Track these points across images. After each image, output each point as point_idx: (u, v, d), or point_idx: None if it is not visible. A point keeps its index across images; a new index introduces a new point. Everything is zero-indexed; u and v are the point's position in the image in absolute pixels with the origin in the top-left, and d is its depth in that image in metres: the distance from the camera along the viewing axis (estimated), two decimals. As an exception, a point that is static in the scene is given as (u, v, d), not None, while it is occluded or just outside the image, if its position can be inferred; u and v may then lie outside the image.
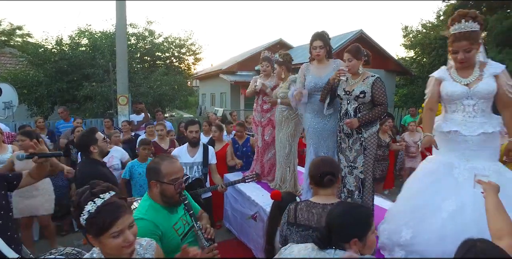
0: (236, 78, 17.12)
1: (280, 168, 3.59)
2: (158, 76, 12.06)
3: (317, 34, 2.97)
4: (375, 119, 2.60)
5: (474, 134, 1.99)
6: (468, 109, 2.03)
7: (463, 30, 1.91)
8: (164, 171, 1.69)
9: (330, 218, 1.39)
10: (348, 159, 2.70)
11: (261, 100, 3.98)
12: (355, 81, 2.67)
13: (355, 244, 1.29)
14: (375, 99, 2.58)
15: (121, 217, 1.18)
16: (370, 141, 2.62)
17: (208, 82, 22.43)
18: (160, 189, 1.70)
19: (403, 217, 2.12)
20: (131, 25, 13.47)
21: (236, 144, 4.63)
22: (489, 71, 2.00)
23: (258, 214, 3.27)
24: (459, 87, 2.02)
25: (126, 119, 6.49)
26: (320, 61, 3.03)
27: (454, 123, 2.07)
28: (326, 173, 1.77)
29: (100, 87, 10.52)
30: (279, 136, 3.56)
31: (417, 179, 2.24)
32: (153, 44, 14.14)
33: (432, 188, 2.07)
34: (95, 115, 10.53)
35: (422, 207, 2.05)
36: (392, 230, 2.14)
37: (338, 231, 1.33)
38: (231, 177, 4.23)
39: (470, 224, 1.84)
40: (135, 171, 3.73)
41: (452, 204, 1.92)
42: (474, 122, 2.01)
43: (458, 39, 1.92)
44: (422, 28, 17.24)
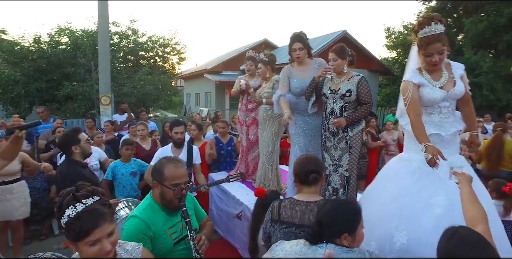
0: (221, 78, 17.05)
1: (263, 166, 3.60)
2: (142, 76, 11.88)
3: (296, 35, 2.93)
4: (361, 118, 2.65)
5: (449, 133, 2.07)
6: (444, 111, 2.09)
7: (434, 32, 1.93)
8: (167, 174, 1.66)
9: (320, 214, 1.43)
10: (333, 157, 2.73)
11: (246, 99, 3.98)
12: (340, 80, 2.70)
13: (346, 238, 1.34)
14: (360, 98, 2.63)
15: (99, 226, 1.14)
16: (355, 139, 2.67)
17: (192, 82, 22.25)
18: (161, 191, 1.68)
19: (390, 221, 2.00)
20: (114, 23, 13.20)
21: (220, 143, 4.61)
22: (457, 73, 2.07)
23: (243, 213, 3.27)
24: (439, 92, 2.04)
25: (109, 119, 6.37)
26: (301, 62, 3.01)
27: (432, 125, 2.08)
28: (311, 171, 1.79)
29: (81, 87, 10.26)
30: (263, 135, 3.57)
31: (397, 179, 2.16)
32: (137, 43, 13.91)
33: (417, 186, 2.05)
34: (76, 116, 10.27)
35: (409, 207, 1.99)
36: (381, 238, 2.00)
37: (329, 227, 1.36)
38: (216, 177, 4.22)
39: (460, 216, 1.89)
40: (118, 171, 3.67)
41: (444, 199, 1.93)
42: (448, 122, 2.09)
43: (432, 41, 1.93)
44: (403, 30, 17.65)
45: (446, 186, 1.96)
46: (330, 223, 1.37)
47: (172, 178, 1.65)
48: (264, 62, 3.50)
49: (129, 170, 3.71)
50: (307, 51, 2.97)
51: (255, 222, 2.38)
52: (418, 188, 2.03)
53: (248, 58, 3.91)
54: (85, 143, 2.50)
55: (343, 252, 1.32)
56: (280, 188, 3.52)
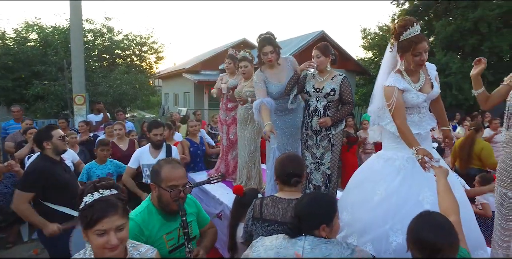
0: (199, 78, 16.87)
1: (245, 166, 3.57)
2: (118, 75, 11.58)
3: (265, 38, 2.85)
4: (344, 117, 2.70)
5: (427, 131, 2.16)
6: (422, 111, 2.16)
7: (416, 32, 1.96)
8: (163, 175, 1.61)
9: (298, 208, 1.47)
10: (315, 155, 2.75)
11: (226, 98, 3.96)
12: (323, 78, 2.71)
13: (324, 229, 1.38)
14: (343, 97, 2.65)
15: (108, 216, 1.16)
16: (338, 138, 2.71)
17: (171, 81, 21.89)
18: (158, 194, 1.62)
19: (384, 223, 2.00)
20: (88, 20, 12.78)
21: (194, 144, 4.51)
22: (432, 74, 2.14)
23: (223, 212, 3.25)
24: (421, 97, 2.07)
25: (84, 120, 6.15)
26: (273, 65, 2.95)
27: (412, 125, 2.10)
28: (293, 175, 1.81)
29: (53, 86, 9.86)
30: (244, 134, 3.53)
31: (384, 181, 2.14)
32: (112, 42, 13.54)
33: (405, 185, 2.06)
34: (47, 116, 9.85)
35: (400, 206, 2.00)
36: (376, 239, 1.99)
37: (307, 220, 1.40)
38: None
39: None
40: (93, 173, 3.55)
41: (429, 194, 1.98)
42: (425, 121, 2.18)
43: (420, 40, 1.94)
44: (379, 31, 18.19)
45: (430, 182, 1.99)
46: (308, 216, 1.41)
47: (168, 180, 1.59)
48: (250, 60, 3.44)
49: (105, 171, 3.59)
50: (277, 53, 2.91)
51: (234, 220, 2.38)
52: (406, 187, 2.04)
53: (227, 56, 3.87)
54: (57, 140, 2.50)
55: (321, 243, 1.36)
56: (261, 187, 3.53)
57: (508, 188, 1.77)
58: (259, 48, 2.90)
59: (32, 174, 2.40)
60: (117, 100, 11.35)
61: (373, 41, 17.48)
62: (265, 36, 2.90)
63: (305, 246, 1.36)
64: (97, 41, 13.26)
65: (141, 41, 14.67)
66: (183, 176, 1.66)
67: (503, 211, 1.81)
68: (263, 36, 2.90)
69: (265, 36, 2.90)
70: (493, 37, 12.25)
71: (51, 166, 2.45)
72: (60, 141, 2.51)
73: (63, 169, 2.57)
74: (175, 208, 1.59)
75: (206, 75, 17.28)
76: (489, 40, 12.22)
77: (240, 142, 3.63)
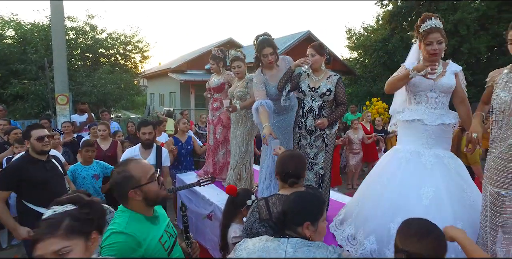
0: (186, 77, 16.72)
1: (236, 166, 3.55)
2: (103, 74, 11.30)
3: (265, 40, 2.83)
4: (339, 118, 2.70)
5: (434, 124, 2.20)
6: (430, 101, 2.22)
7: (433, 25, 2.12)
8: (137, 174, 1.48)
9: (286, 204, 1.48)
10: (308, 155, 2.73)
11: (212, 98, 3.93)
12: (318, 78, 2.69)
13: (307, 227, 1.37)
14: (338, 98, 2.64)
15: (42, 240, 1.00)
16: (331, 138, 2.70)
17: (156, 81, 21.60)
18: (143, 195, 1.47)
19: (385, 214, 2.09)
20: (69, 18, 12.41)
21: (179, 142, 4.47)
22: (451, 68, 2.22)
23: (214, 213, 3.23)
24: (427, 80, 2.16)
25: (67, 120, 5.98)
26: (272, 66, 2.96)
27: (417, 113, 2.24)
28: (291, 175, 1.81)
29: (33, 85, 9.54)
30: (235, 135, 3.50)
31: (387, 171, 2.29)
32: (96, 40, 13.19)
33: (405, 175, 2.17)
34: (27, 116, 9.52)
35: (401, 198, 2.09)
36: (378, 231, 2.07)
37: (292, 215, 1.40)
38: (184, 178, 4.13)
39: (446, 205, 2.02)
40: (79, 175, 3.45)
41: (430, 190, 2.06)
42: (435, 113, 2.22)
43: (432, 31, 2.11)
44: (364, 31, 18.48)
45: (432, 176, 2.10)
46: (293, 211, 1.41)
47: (145, 173, 1.50)
48: (242, 60, 3.39)
49: (91, 173, 3.50)
50: (276, 54, 2.91)
51: (226, 220, 2.36)
52: (407, 177, 2.15)
53: (211, 57, 3.80)
54: (34, 140, 2.47)
55: (304, 245, 1.32)
56: (252, 187, 3.52)
57: (500, 186, 1.77)
58: (258, 50, 2.85)
59: (6, 172, 2.44)
60: (102, 100, 11.09)
61: (358, 42, 17.74)
62: (264, 37, 2.86)
63: (287, 249, 1.32)
64: (79, 40, 12.90)
65: (125, 40, 14.37)
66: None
67: (495, 209, 1.79)
68: (262, 38, 2.86)
69: (264, 37, 2.86)
70: (471, 39, 12.70)
71: (27, 165, 2.44)
72: (36, 141, 2.46)
73: (45, 168, 2.53)
74: (165, 194, 1.56)
75: (192, 75, 17.15)
76: (468, 42, 12.65)
77: (232, 142, 3.61)
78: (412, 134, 2.29)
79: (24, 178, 2.37)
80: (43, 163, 2.54)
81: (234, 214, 2.35)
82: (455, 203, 2.03)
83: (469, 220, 2.00)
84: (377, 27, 17.33)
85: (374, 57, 15.60)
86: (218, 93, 3.86)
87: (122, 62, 14.93)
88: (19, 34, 11.04)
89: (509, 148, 1.73)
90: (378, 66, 15.62)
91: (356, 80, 18.00)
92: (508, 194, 1.74)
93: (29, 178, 2.39)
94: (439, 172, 2.11)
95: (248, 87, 3.33)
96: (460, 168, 2.23)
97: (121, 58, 14.88)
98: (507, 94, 1.75)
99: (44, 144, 2.50)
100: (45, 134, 2.53)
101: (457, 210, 2.01)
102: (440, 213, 1.98)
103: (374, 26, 17.78)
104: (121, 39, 14.22)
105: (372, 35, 16.97)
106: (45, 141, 2.50)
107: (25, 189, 2.39)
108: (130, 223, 1.43)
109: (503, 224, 1.77)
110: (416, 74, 2.08)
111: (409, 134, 2.30)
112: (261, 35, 2.91)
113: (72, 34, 12.50)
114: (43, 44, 10.42)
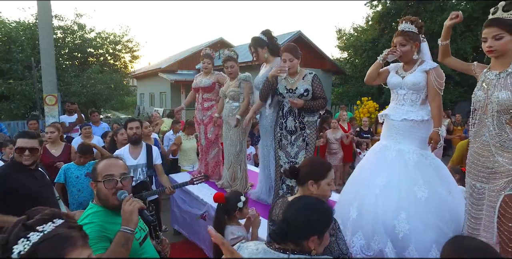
0: (176, 77, 16.62)
1: (230, 166, 3.53)
2: (92, 74, 11.13)
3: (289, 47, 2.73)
4: (318, 108, 2.71)
5: (398, 119, 2.31)
6: (399, 98, 2.35)
7: (401, 28, 2.29)
8: (99, 169, 1.51)
9: (290, 212, 1.28)
10: (289, 154, 2.76)
11: (202, 98, 3.91)
12: (294, 79, 2.71)
13: (314, 241, 1.21)
14: (315, 94, 2.68)
15: (67, 254, 0.88)
16: (312, 136, 2.74)
17: (146, 81, 21.39)
18: (97, 190, 1.51)
19: (349, 200, 2.32)
20: (57, 17, 12.19)
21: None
22: (422, 67, 2.30)
23: (208, 213, 3.22)
24: (395, 77, 2.35)
25: (56, 121, 5.87)
26: (267, 61, 3.16)
27: (388, 109, 2.42)
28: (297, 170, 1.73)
29: (19, 85, 9.32)
30: (229, 135, 3.49)
31: (364, 160, 2.54)
32: (84, 39, 12.99)
33: (370, 168, 2.37)
34: (13, 117, 9.30)
35: (363, 187, 2.29)
36: (383, 230, 2.13)
37: (298, 227, 1.22)
38: (177, 178, 4.11)
39: (393, 196, 2.14)
40: (72, 174, 3.38)
41: (383, 181, 2.21)
42: (402, 109, 2.32)
43: (397, 35, 2.29)
44: (354, 32, 18.67)
45: (390, 168, 2.25)
46: (299, 222, 1.22)
47: (103, 171, 1.50)
48: (235, 59, 3.40)
49: (84, 172, 3.43)
50: (256, 53, 3.07)
51: (218, 225, 2.21)
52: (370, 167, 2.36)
53: (206, 56, 3.81)
54: (15, 150, 2.14)
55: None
56: (246, 187, 3.52)
57: (476, 179, 1.91)
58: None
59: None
60: (91, 101, 10.93)
61: (348, 42, 17.92)
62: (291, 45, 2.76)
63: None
64: (67, 39, 12.68)
65: (115, 40, 14.18)
66: (120, 166, 1.55)
67: (473, 201, 1.93)
68: (288, 45, 2.76)
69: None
70: (458, 40, 12.94)
71: (13, 174, 2.11)
72: (16, 152, 2.12)
73: (35, 178, 2.22)
74: (115, 203, 1.47)
75: (183, 75, 17.04)
76: (455, 43, 12.89)
77: (225, 142, 3.59)
78: (385, 129, 2.47)
79: (9, 188, 2.04)
80: (32, 173, 2.21)
81: (224, 219, 2.24)
82: (403, 195, 2.14)
83: (415, 211, 2.10)
84: (367, 27, 17.52)
85: (364, 57, 15.76)
86: (208, 93, 3.85)
87: (111, 62, 14.75)
88: (3, 32, 10.77)
89: (482, 144, 1.86)
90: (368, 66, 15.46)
91: (347, 79, 18.17)
92: (482, 187, 1.88)
93: (15, 188, 2.06)
94: (398, 166, 2.24)
95: (241, 86, 3.34)
96: (428, 166, 2.26)
97: (110, 57, 14.70)
98: (482, 93, 1.85)
99: (24, 157, 2.13)
100: (27, 146, 2.12)
101: (403, 201, 2.12)
102: (386, 201, 2.15)
103: (364, 27, 17.97)
104: (110, 38, 14.05)
105: (362, 35, 17.15)
106: (25, 154, 2.12)
107: (7, 201, 2.02)
108: (95, 214, 1.48)
109: (478, 215, 1.91)
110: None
111: (384, 129, 2.48)
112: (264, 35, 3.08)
113: (59, 33, 12.30)
114: (29, 43, 10.20)
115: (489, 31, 1.74)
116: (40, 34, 7.02)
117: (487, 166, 1.84)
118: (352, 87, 16.90)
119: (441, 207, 2.12)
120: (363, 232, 2.13)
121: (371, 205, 2.17)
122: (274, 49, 3.09)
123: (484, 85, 1.85)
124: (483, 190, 1.87)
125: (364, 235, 2.13)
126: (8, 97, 9.57)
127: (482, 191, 1.88)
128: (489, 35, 1.75)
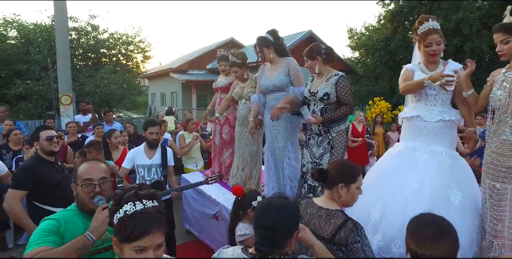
0: (187, 77, 16.75)
1: (246, 166, 3.52)
2: (105, 75, 11.32)
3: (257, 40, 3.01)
4: (340, 118, 2.58)
5: (433, 120, 2.22)
6: (430, 98, 2.26)
7: (431, 27, 2.18)
8: (79, 172, 1.51)
9: (268, 218, 1.29)
10: (314, 155, 2.71)
11: (219, 98, 3.94)
12: (319, 81, 2.63)
13: (294, 237, 1.31)
14: (340, 98, 2.53)
15: (151, 233, 1.05)
16: (338, 140, 2.63)
17: (157, 81, 21.63)
18: (75, 193, 1.51)
19: (370, 201, 2.18)
20: (72, 18, 12.45)
21: None
22: (449, 67, 2.25)
23: (220, 213, 3.24)
24: (423, 76, 2.22)
25: (71, 120, 6.00)
26: (272, 61, 3.02)
27: (416, 110, 2.30)
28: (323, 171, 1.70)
29: (36, 86, 9.55)
30: (245, 133, 3.47)
31: (383, 163, 2.43)
32: (97, 40, 13.23)
33: (396, 170, 2.26)
34: (30, 117, 9.55)
35: (388, 189, 2.20)
36: (360, 214, 2.13)
37: (281, 230, 1.28)
38: (190, 178, 4.14)
39: (425, 200, 2.04)
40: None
41: (415, 183, 2.12)
42: (434, 110, 2.24)
43: (430, 32, 2.16)
44: (365, 31, 18.44)
45: (422, 171, 2.15)
46: (282, 225, 1.28)
47: (82, 174, 1.50)
48: (239, 64, 3.38)
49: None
50: (274, 50, 2.97)
51: (233, 222, 2.31)
52: (394, 168, 2.26)
53: (222, 58, 3.82)
54: (43, 140, 2.49)
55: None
56: (258, 187, 3.52)
57: (496, 180, 1.87)
58: None
59: (22, 171, 2.45)
60: (104, 100, 11.13)
61: (360, 41, 17.70)
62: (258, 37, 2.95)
63: None
64: (81, 40, 12.94)
65: (127, 40, 14.40)
66: (100, 170, 1.54)
67: (493, 202, 1.90)
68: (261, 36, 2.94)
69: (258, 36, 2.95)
70: (474, 38, 12.64)
71: (39, 166, 2.45)
72: (45, 141, 2.49)
73: (56, 170, 2.55)
74: (91, 207, 1.46)
75: (194, 75, 17.16)
76: (471, 41, 12.60)
77: (238, 142, 3.59)
78: (411, 131, 2.35)
79: (39, 179, 2.38)
80: (54, 165, 2.57)
81: (239, 215, 2.30)
82: (435, 198, 2.05)
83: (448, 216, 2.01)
84: (379, 26, 17.29)
85: (376, 56, 15.56)
86: (225, 93, 3.87)
87: (124, 62, 14.97)
88: (21, 34, 11.07)
89: (502, 143, 1.85)
90: (380, 66, 15.58)
91: (358, 79, 17.97)
92: (502, 188, 1.85)
93: (44, 179, 2.40)
94: (430, 167, 2.15)
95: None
96: (459, 168, 2.21)
97: (123, 58, 14.92)
98: (503, 92, 1.85)
99: (53, 144, 2.52)
100: (53, 135, 2.55)
101: (435, 205, 2.02)
102: (417, 204, 2.02)
103: (376, 26, 17.73)
104: (123, 39, 14.26)
105: (374, 35, 16.93)
106: (53, 141, 2.52)
107: (39, 190, 2.38)
108: (66, 212, 1.50)
109: (500, 217, 1.87)
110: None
111: (409, 131, 2.37)
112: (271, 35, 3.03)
113: (74, 34, 12.55)
114: (46, 44, 10.43)
115: (497, 37, 1.88)
116: (57, 36, 7.19)
117: (508, 166, 1.81)
118: (364, 86, 16.70)
119: (472, 211, 2.06)
120: (383, 234, 2.06)
121: (399, 207, 2.07)
122: (280, 49, 3.00)
123: (506, 84, 1.85)
124: (505, 191, 1.83)
125: (384, 237, 2.05)
126: (25, 97, 9.82)
127: (503, 192, 1.84)
128: (498, 40, 1.87)
